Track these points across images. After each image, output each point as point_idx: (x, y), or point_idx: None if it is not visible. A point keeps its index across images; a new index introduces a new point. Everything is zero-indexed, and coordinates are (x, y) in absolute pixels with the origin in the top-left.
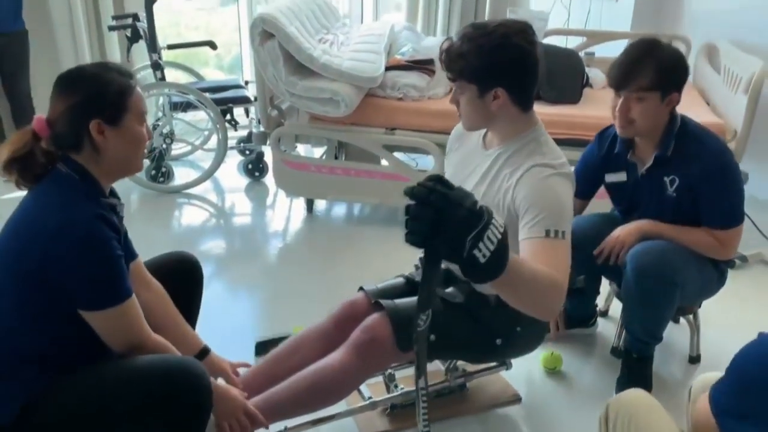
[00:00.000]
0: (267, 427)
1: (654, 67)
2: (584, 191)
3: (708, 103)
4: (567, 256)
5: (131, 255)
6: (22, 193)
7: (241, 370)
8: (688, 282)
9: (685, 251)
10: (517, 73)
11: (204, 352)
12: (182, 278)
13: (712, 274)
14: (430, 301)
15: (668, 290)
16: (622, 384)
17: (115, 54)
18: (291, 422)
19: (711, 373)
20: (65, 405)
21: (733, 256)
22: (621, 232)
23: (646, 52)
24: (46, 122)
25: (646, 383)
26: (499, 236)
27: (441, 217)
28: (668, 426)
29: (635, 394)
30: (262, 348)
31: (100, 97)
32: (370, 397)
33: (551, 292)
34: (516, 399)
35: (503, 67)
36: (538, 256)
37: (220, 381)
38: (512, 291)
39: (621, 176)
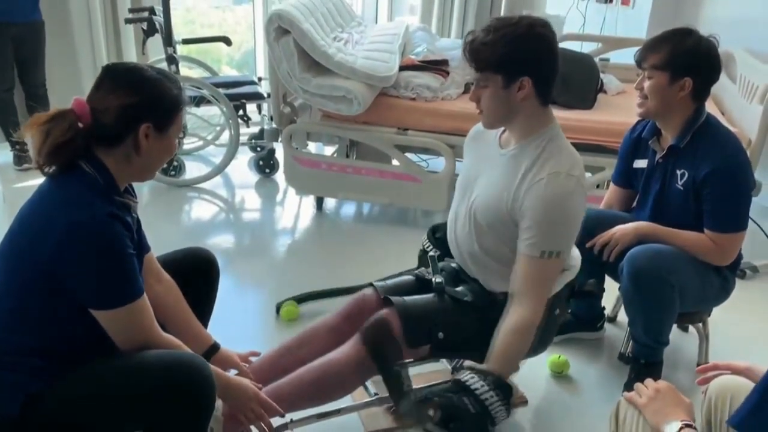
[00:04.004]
0: (283, 415)
1: (669, 49)
2: (623, 179)
3: (723, 112)
4: (555, 272)
5: (144, 248)
6: (36, 182)
7: (252, 359)
8: (687, 285)
9: (682, 254)
10: (542, 62)
11: (214, 348)
12: (198, 275)
13: (714, 279)
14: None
15: (665, 292)
16: (629, 389)
17: (130, 47)
18: (296, 415)
19: (729, 376)
20: (67, 398)
21: (729, 262)
22: (618, 230)
23: (670, 36)
24: (90, 110)
25: None
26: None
27: None
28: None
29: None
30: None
31: (158, 103)
32: (375, 394)
33: (527, 342)
34: (522, 402)
35: (530, 55)
36: (529, 274)
37: (232, 373)
38: None
39: (644, 163)
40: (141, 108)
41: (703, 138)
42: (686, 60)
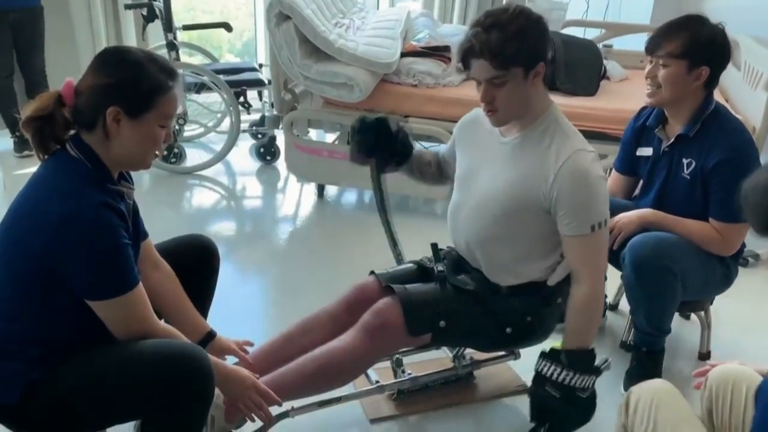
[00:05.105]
0: (280, 404)
1: (686, 37)
2: (626, 167)
3: (726, 99)
4: (607, 238)
5: (142, 235)
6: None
7: (249, 349)
8: (689, 273)
9: (684, 243)
10: (549, 44)
11: (210, 336)
12: (198, 263)
13: (716, 267)
14: None
15: (667, 281)
16: (631, 376)
17: (130, 33)
18: (297, 403)
19: (731, 364)
20: (66, 387)
21: (733, 252)
22: (622, 218)
23: (684, 23)
24: (74, 90)
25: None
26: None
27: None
28: (689, 415)
29: (658, 383)
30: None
31: (130, 86)
32: (377, 381)
33: (598, 314)
34: (523, 389)
35: (544, 40)
36: (584, 251)
37: (230, 361)
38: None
39: (649, 151)
40: (111, 90)
41: (712, 127)
42: (705, 48)
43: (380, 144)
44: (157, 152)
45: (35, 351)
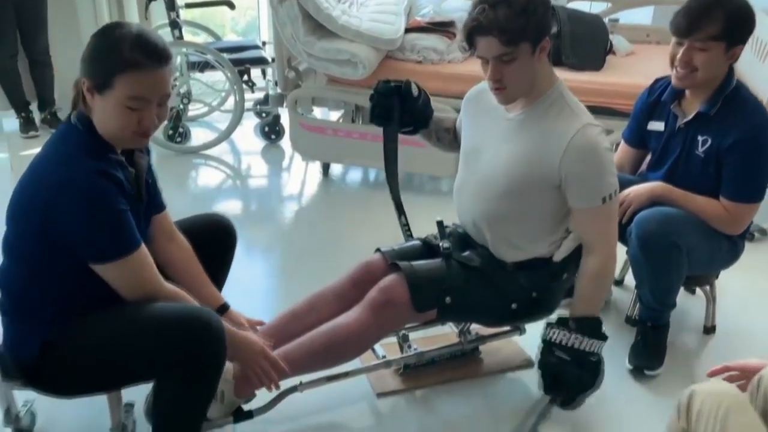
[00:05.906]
0: (287, 373)
1: (724, 17)
2: (635, 139)
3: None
4: (617, 208)
5: (158, 206)
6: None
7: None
8: (695, 248)
9: (691, 218)
10: (551, 18)
11: (223, 309)
12: (215, 242)
13: (722, 243)
14: None
15: (672, 255)
16: (636, 351)
17: (133, 11)
18: (305, 378)
19: None
20: (80, 348)
21: (739, 232)
22: (632, 191)
23: (716, 1)
24: None
25: (660, 352)
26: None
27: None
28: (760, 426)
29: (723, 387)
30: None
31: (95, 59)
32: (384, 356)
33: (609, 282)
34: (528, 364)
35: (549, 14)
36: (596, 223)
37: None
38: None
39: (660, 125)
40: (84, 62)
41: (732, 105)
42: (741, 26)
43: (401, 109)
44: (140, 133)
45: (51, 311)
